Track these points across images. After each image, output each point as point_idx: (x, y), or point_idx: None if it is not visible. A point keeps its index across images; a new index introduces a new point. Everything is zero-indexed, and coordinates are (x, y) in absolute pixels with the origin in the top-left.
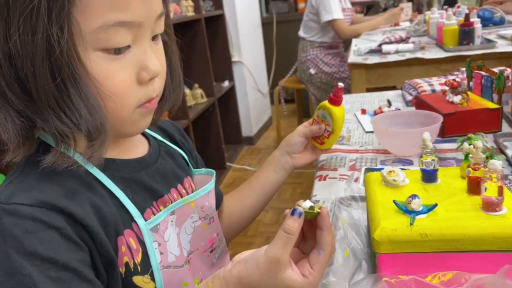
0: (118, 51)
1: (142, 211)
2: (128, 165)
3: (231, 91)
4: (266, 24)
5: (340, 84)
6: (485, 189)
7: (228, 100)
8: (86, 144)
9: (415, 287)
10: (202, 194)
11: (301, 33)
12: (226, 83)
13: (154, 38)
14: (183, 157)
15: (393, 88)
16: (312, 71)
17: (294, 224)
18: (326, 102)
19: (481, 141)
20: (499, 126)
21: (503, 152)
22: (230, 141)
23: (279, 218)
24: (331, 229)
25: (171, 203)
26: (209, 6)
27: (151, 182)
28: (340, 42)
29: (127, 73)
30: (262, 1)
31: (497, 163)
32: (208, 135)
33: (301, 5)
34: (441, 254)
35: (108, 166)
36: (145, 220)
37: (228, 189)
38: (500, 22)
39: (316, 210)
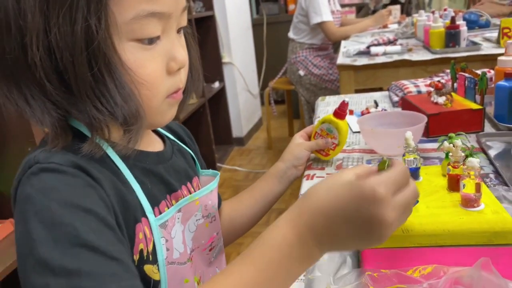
0: (150, 41)
1: (157, 202)
2: (149, 157)
3: (222, 92)
4: (256, 26)
5: (346, 100)
6: (464, 186)
7: (219, 101)
8: (122, 132)
9: (397, 280)
10: (206, 193)
11: (291, 34)
12: (216, 84)
13: (178, 31)
14: (192, 157)
15: (380, 89)
16: (302, 72)
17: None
18: (331, 116)
19: (461, 140)
20: (481, 126)
21: (485, 152)
22: (221, 142)
23: (269, 218)
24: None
25: (182, 198)
26: (199, 7)
27: (167, 176)
28: (330, 44)
29: (158, 63)
30: (252, 2)
31: (475, 161)
32: (199, 135)
33: (291, 6)
34: (422, 249)
35: (130, 156)
36: (160, 212)
37: (219, 189)
38: (486, 25)
39: (388, 162)
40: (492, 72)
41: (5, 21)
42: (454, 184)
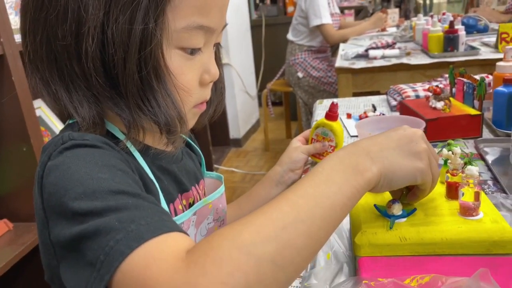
0: (192, 51)
1: (172, 200)
2: (166, 156)
3: None
4: (255, 27)
5: (335, 101)
6: (462, 194)
7: None
8: (154, 135)
9: None
10: (217, 196)
11: (289, 36)
12: None
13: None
14: (198, 160)
15: (377, 93)
16: (300, 74)
17: None
18: (324, 120)
19: (460, 147)
20: (480, 132)
21: (482, 158)
22: (218, 143)
23: None
24: None
25: (193, 199)
26: None
27: (180, 176)
28: (328, 47)
29: (195, 73)
30: (251, 3)
31: (474, 169)
32: (196, 136)
33: (290, 8)
34: (420, 258)
35: (149, 153)
36: (175, 211)
37: None
38: (484, 30)
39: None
40: (491, 77)
41: (63, 9)
42: (452, 192)
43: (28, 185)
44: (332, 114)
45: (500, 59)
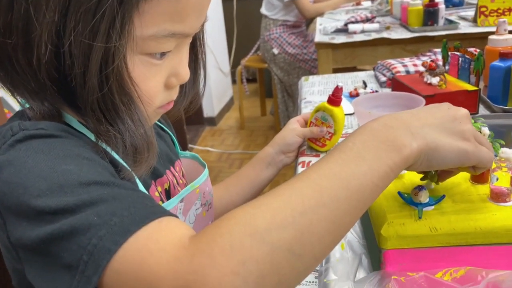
0: (162, 54)
1: (148, 187)
2: None
3: None
4: (226, 0)
5: (340, 85)
6: (497, 179)
7: None
8: (131, 155)
9: (427, 285)
10: (204, 180)
11: (263, 10)
12: None
13: None
14: (172, 140)
15: (355, 68)
16: (276, 51)
17: None
18: (325, 104)
19: (486, 127)
20: (476, 108)
21: None
22: (192, 122)
23: None
24: None
25: (169, 184)
26: None
27: None
28: (303, 21)
29: (159, 78)
30: None
31: (510, 151)
32: (168, 115)
33: None
34: (449, 248)
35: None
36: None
37: None
38: (460, 4)
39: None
40: (478, 51)
41: (6, 1)
42: (480, 175)
43: None
44: (334, 99)
45: (480, 33)
